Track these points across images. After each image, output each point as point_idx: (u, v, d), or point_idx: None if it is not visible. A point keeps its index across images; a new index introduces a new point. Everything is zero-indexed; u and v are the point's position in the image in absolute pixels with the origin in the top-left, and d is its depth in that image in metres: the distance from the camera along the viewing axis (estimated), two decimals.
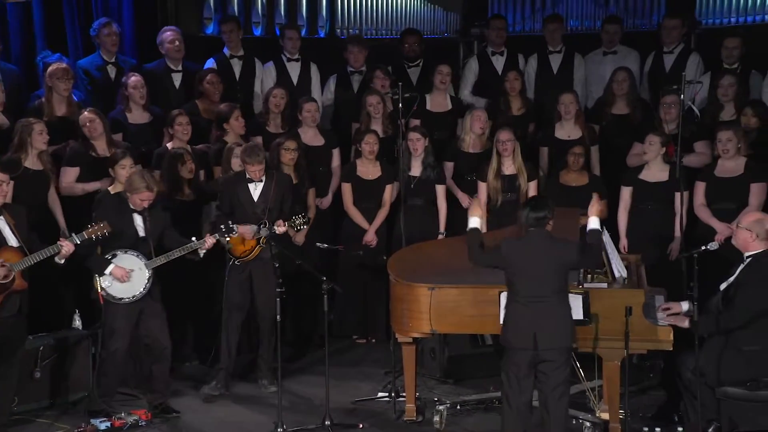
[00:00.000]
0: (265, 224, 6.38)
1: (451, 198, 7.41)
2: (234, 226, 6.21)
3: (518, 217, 5.21)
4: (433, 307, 5.58)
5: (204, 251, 6.14)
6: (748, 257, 5.38)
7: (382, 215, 7.39)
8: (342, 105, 8.16)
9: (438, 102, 7.89)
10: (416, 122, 7.64)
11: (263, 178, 6.47)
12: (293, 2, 8.94)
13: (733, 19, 8.32)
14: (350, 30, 8.90)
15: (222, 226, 6.20)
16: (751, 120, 7.10)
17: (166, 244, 6.13)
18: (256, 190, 6.48)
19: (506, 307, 5.15)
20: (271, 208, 6.44)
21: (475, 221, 5.31)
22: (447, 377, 6.62)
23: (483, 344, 6.62)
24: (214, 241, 6.14)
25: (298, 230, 6.58)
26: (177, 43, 7.89)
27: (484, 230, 5.52)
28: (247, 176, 6.47)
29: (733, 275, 5.43)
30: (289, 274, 6.44)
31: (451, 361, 6.63)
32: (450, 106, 7.86)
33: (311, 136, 7.55)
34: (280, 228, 6.39)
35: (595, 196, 5.37)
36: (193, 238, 6.11)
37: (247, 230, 6.36)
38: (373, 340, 7.48)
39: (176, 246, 6.07)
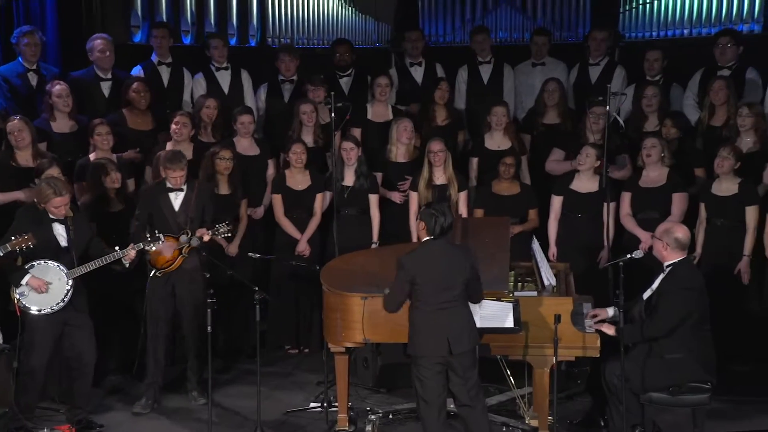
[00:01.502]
0: (188, 234, 6.29)
1: (384, 207, 7.43)
2: (160, 234, 6.11)
3: (432, 225, 5.21)
4: (366, 317, 5.59)
5: (128, 262, 6.02)
6: (667, 267, 5.51)
7: (313, 225, 7.37)
8: (273, 114, 8.12)
9: (379, 112, 7.93)
10: (357, 131, 7.67)
11: (184, 187, 6.36)
12: (223, 11, 8.88)
13: (654, 33, 8.54)
14: (282, 39, 8.86)
15: (147, 235, 6.10)
16: (671, 131, 7.28)
17: (92, 254, 6.00)
18: (177, 199, 6.36)
19: (413, 317, 5.21)
20: (193, 217, 6.33)
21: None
22: (379, 386, 6.63)
23: None
24: (136, 251, 6.03)
25: (216, 235, 6.46)
26: (106, 50, 7.76)
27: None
28: (168, 185, 6.36)
29: (654, 284, 5.55)
30: (220, 285, 6.38)
31: (384, 370, 6.64)
32: (391, 116, 7.88)
33: (246, 146, 7.49)
34: (203, 237, 6.30)
35: None
36: (117, 248, 5.99)
37: (164, 246, 6.23)
38: (306, 350, 7.45)
39: (101, 256, 5.95)
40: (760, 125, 7.02)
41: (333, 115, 6.80)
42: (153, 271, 6.31)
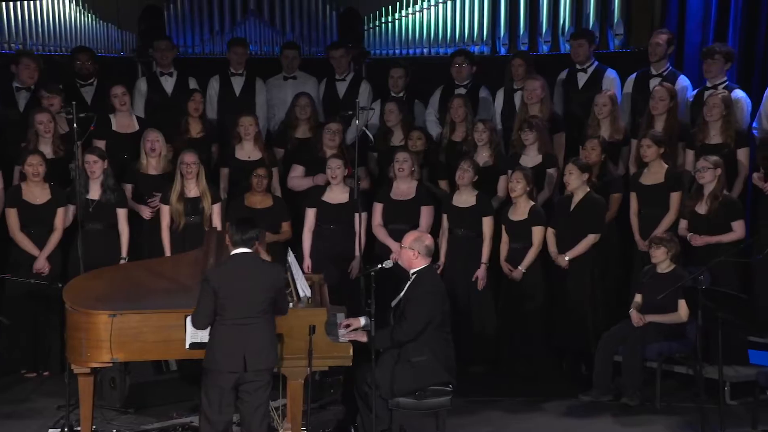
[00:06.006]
0: None
1: (134, 221, 7.22)
2: None
3: (228, 236, 5.17)
4: (114, 335, 5.38)
5: None
6: (413, 274, 5.73)
7: (53, 241, 7.04)
8: (7, 124, 7.65)
9: (124, 122, 7.67)
10: (101, 143, 7.39)
11: None
12: None
13: (398, 51, 8.88)
14: (13, 45, 8.33)
15: None
16: (417, 143, 7.60)
17: None
18: None
19: (212, 329, 5.11)
20: None
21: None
22: (128, 407, 6.41)
23: (167, 371, 6.50)
24: None
25: None
26: None
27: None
28: None
29: (402, 292, 5.75)
30: None
31: (133, 389, 6.43)
32: (137, 127, 7.66)
33: None
34: None
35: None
36: None
37: None
38: (46, 373, 7.07)
39: None
40: (493, 140, 7.51)
41: (75, 125, 6.50)
42: None
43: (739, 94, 7.37)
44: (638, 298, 6.74)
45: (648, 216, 7.09)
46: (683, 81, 7.69)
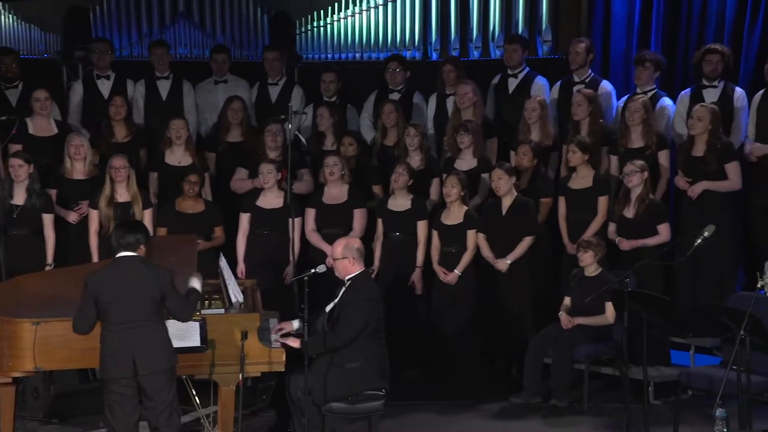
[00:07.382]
0: None
1: (61, 226, 7.07)
2: None
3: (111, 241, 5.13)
4: (38, 343, 5.27)
5: None
6: (348, 280, 5.70)
7: None
8: None
9: (41, 126, 7.52)
10: (17, 147, 7.21)
11: None
12: None
13: (330, 55, 8.87)
14: None
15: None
16: (348, 148, 7.62)
17: None
18: None
19: (101, 337, 5.05)
20: None
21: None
22: (52, 417, 6.29)
23: (95, 379, 6.36)
24: None
25: None
26: None
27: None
28: None
29: (336, 297, 5.73)
30: None
31: (58, 399, 6.31)
32: (56, 131, 7.51)
33: None
34: None
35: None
36: None
37: None
38: None
39: None
40: (424, 145, 7.55)
41: None
42: None
43: (666, 102, 7.56)
44: (567, 300, 6.84)
45: (576, 220, 7.20)
46: (606, 86, 7.84)
